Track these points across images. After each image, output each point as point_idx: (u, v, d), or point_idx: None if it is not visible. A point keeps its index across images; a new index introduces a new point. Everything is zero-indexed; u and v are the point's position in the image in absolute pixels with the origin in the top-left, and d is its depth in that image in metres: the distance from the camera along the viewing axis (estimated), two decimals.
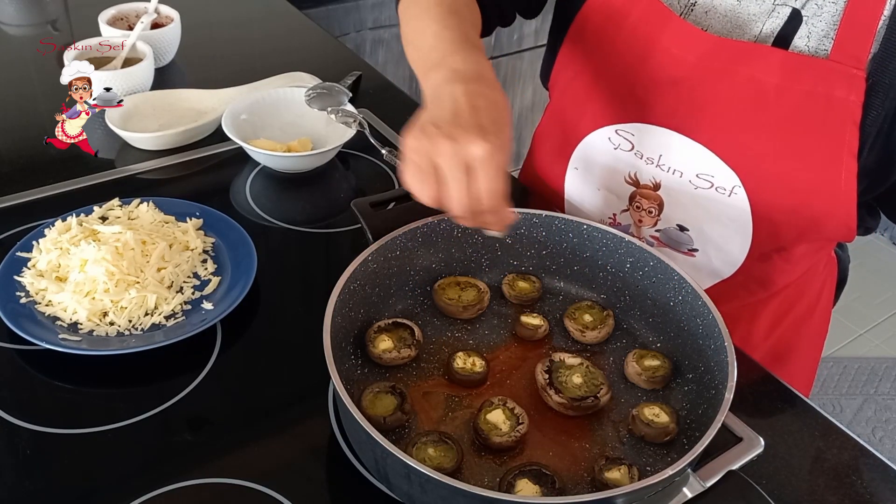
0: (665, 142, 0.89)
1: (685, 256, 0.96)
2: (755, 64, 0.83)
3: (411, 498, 0.64)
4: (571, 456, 0.69)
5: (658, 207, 0.94)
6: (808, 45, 0.82)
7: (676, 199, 0.92)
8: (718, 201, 0.89)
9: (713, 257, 0.95)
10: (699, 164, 0.88)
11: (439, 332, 0.80)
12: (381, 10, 1.96)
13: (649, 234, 0.97)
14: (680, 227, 0.94)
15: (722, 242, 0.93)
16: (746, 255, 0.92)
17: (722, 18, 0.86)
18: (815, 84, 0.81)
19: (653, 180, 0.92)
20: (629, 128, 0.92)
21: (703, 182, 0.88)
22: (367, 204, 0.83)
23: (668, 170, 0.90)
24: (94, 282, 0.80)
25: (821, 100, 0.81)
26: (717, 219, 0.90)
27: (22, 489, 0.67)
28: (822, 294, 1.07)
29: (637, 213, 0.96)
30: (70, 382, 0.77)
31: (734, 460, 0.71)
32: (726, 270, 0.95)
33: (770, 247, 0.93)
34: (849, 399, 2.21)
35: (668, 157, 0.90)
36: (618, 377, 0.77)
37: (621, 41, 0.90)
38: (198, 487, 0.68)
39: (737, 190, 0.87)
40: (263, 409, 0.76)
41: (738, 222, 0.89)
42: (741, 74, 0.83)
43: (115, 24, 1.28)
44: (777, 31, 0.83)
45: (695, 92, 0.86)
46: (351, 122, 1.06)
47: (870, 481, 0.72)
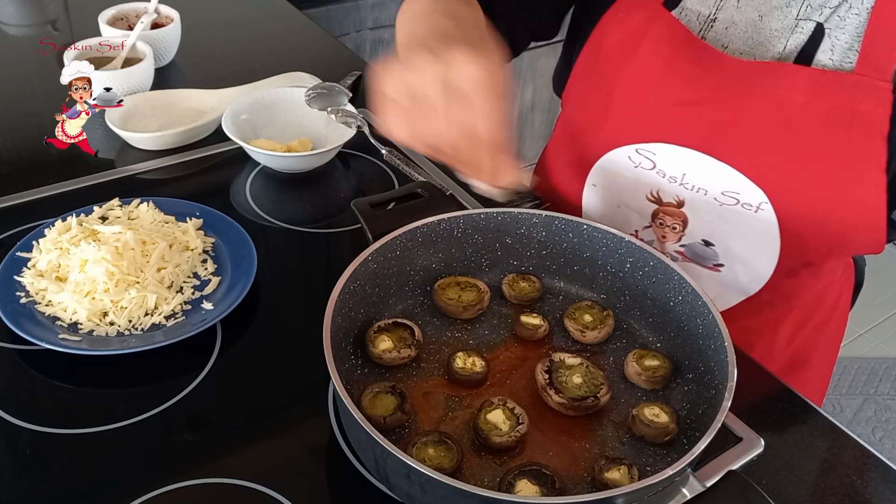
0: (688, 161, 0.87)
1: (710, 272, 0.94)
2: (779, 83, 0.81)
3: (411, 498, 0.64)
4: (571, 456, 0.69)
5: (682, 224, 0.93)
6: (832, 60, 0.81)
7: (701, 215, 0.90)
8: (745, 216, 0.87)
9: (740, 273, 0.93)
10: (724, 183, 0.86)
11: (439, 332, 0.80)
12: (381, 10, 1.96)
13: (673, 249, 0.96)
14: (705, 243, 0.92)
15: (748, 258, 0.91)
16: (774, 270, 0.91)
17: (743, 34, 0.84)
18: (841, 99, 0.79)
19: (676, 198, 0.91)
20: (650, 147, 0.89)
21: (729, 199, 0.87)
22: (367, 204, 0.83)
23: (691, 188, 0.89)
24: (94, 282, 0.80)
25: (847, 114, 0.79)
26: (744, 234, 0.89)
27: (22, 489, 0.68)
28: (839, 300, 1.06)
29: (660, 230, 0.95)
30: (70, 382, 0.77)
31: (734, 460, 0.71)
32: (753, 287, 0.94)
33: (798, 262, 0.91)
34: (849, 399, 2.21)
35: (691, 175, 0.88)
36: (618, 377, 0.77)
37: (639, 60, 0.88)
38: (198, 487, 0.68)
39: (764, 206, 0.85)
40: (263, 409, 0.76)
41: (765, 237, 0.88)
42: (765, 95, 0.82)
43: (116, 24, 1.28)
44: (801, 47, 0.82)
45: (717, 113, 0.84)
46: (351, 122, 1.06)
47: (870, 481, 0.72)
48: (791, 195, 0.84)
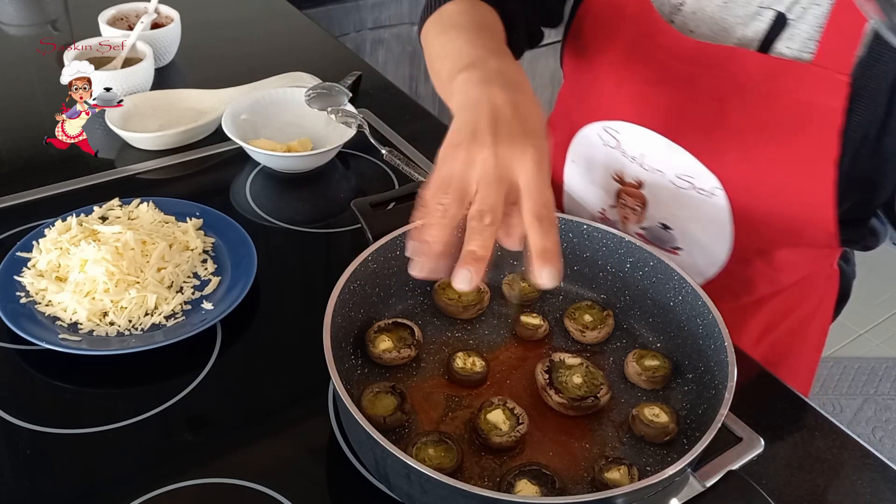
0: (647, 142, 0.89)
1: (669, 255, 0.96)
2: (735, 69, 0.82)
3: (411, 498, 0.64)
4: (571, 456, 0.69)
5: (642, 205, 0.95)
6: (789, 49, 0.81)
7: (659, 197, 0.92)
8: (699, 201, 0.89)
9: (696, 256, 0.95)
10: (679, 166, 0.88)
11: (439, 332, 0.80)
12: (381, 10, 1.96)
13: (635, 231, 0.98)
14: (664, 226, 0.95)
15: (705, 242, 0.93)
16: (728, 256, 0.92)
17: (709, 20, 0.85)
18: (797, 90, 0.79)
19: (636, 179, 0.93)
20: (615, 125, 0.92)
21: (684, 183, 0.88)
22: (367, 204, 0.83)
23: (650, 169, 0.91)
24: (94, 282, 0.80)
25: (801, 106, 0.80)
26: (699, 219, 0.91)
27: (22, 489, 0.68)
28: (819, 307, 1.05)
29: (623, 210, 0.97)
30: (70, 382, 0.77)
31: (734, 460, 0.71)
32: (710, 271, 0.95)
33: (751, 249, 0.92)
34: (849, 399, 2.21)
35: (650, 157, 0.90)
36: (618, 377, 0.77)
37: (614, 39, 0.90)
38: (198, 487, 0.68)
39: (716, 191, 0.86)
40: (263, 409, 0.76)
41: (718, 223, 0.89)
42: (720, 79, 0.83)
43: (116, 24, 1.28)
44: (762, 36, 0.82)
45: (676, 95, 0.86)
46: (351, 122, 1.06)
47: (870, 481, 0.72)
48: (742, 182, 0.85)
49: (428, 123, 1.21)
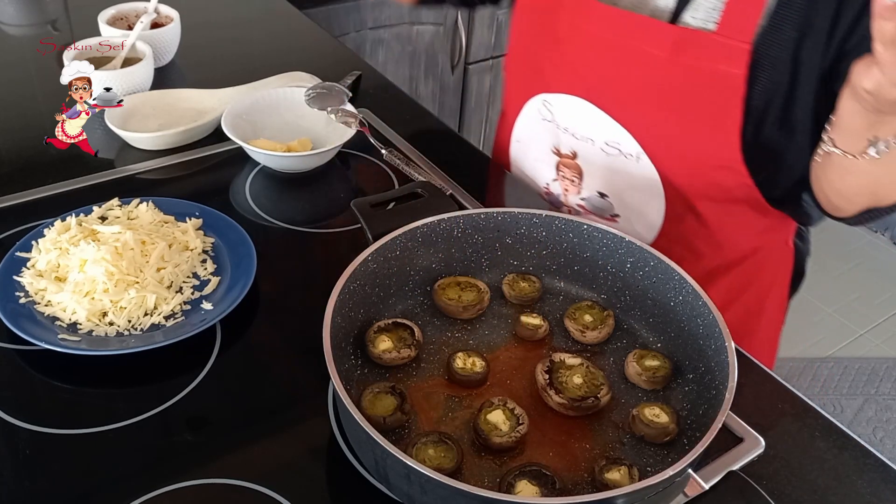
0: (577, 111, 0.94)
1: (610, 223, 1.00)
2: (646, 38, 0.87)
3: (411, 498, 0.64)
4: (571, 456, 0.69)
5: (579, 176, 1.00)
6: (694, 18, 0.85)
7: (593, 166, 0.97)
8: (629, 167, 0.94)
9: (635, 222, 0.99)
10: (606, 132, 0.93)
11: (439, 332, 0.80)
12: (381, 10, 1.96)
13: (576, 202, 1.03)
14: (600, 195, 0.99)
15: (640, 207, 0.97)
16: (664, 217, 0.96)
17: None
18: (700, 58, 0.84)
19: (571, 149, 0.98)
20: (550, 98, 0.97)
21: (612, 150, 0.93)
22: (367, 204, 0.83)
23: (581, 138, 0.96)
24: (94, 282, 0.80)
25: (705, 74, 0.84)
26: (631, 184, 0.95)
27: (22, 489, 0.67)
28: (774, 284, 1.09)
29: (563, 183, 1.02)
30: (70, 382, 0.77)
31: (734, 461, 0.71)
32: (649, 235, 0.99)
33: (682, 208, 0.96)
34: (849, 399, 2.21)
35: (580, 126, 0.95)
36: (618, 377, 0.77)
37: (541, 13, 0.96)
38: (198, 487, 0.68)
39: (641, 156, 0.92)
40: (263, 409, 0.76)
41: (649, 186, 0.94)
42: (634, 48, 0.88)
43: (115, 24, 1.28)
44: (672, 7, 0.87)
45: (596, 63, 0.91)
46: (351, 122, 1.06)
47: (870, 482, 0.72)
48: (661, 146, 0.91)
49: (428, 123, 1.21)
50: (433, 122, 1.22)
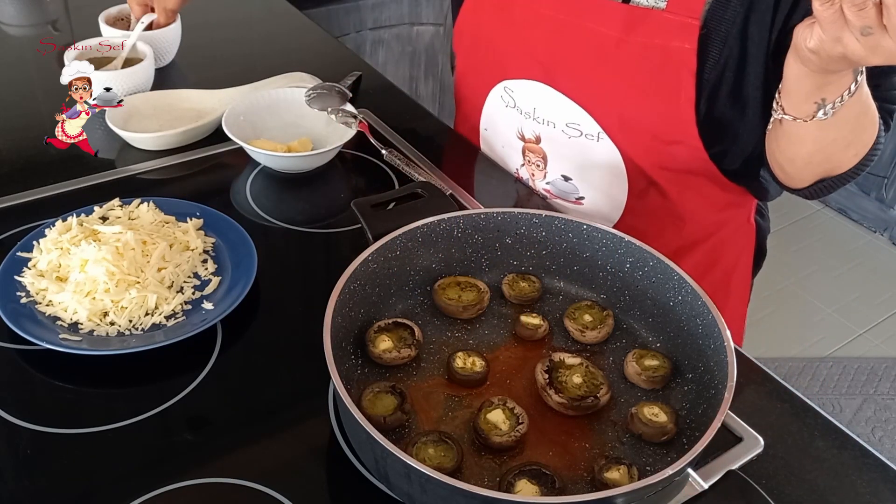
0: (537, 95, 0.96)
1: (575, 206, 1.03)
2: (597, 18, 0.90)
3: (411, 498, 0.64)
4: (571, 456, 0.69)
5: (543, 161, 1.02)
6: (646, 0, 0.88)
7: (556, 150, 0.99)
8: (590, 148, 0.96)
9: (600, 203, 1.01)
10: (566, 114, 0.95)
11: (439, 332, 0.80)
12: (381, 10, 1.96)
13: (542, 187, 1.05)
14: (564, 178, 1.01)
15: (604, 186, 0.99)
16: (627, 195, 0.99)
17: None
18: (652, 35, 0.87)
19: (534, 133, 1.00)
20: (511, 84, 1.00)
21: (573, 131, 0.95)
22: (367, 204, 0.83)
23: (543, 122, 0.98)
24: (95, 282, 0.80)
25: (658, 50, 0.87)
26: (593, 165, 0.97)
27: (22, 489, 0.68)
28: (739, 262, 1.11)
29: (529, 168, 1.04)
30: (70, 382, 0.77)
31: (734, 460, 0.71)
32: (614, 214, 1.01)
33: (643, 181, 0.98)
34: (848, 399, 2.21)
35: (541, 109, 0.97)
36: (618, 377, 0.77)
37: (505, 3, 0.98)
38: (198, 487, 0.68)
39: (601, 136, 0.94)
40: (263, 409, 0.76)
41: (611, 166, 0.96)
42: (587, 28, 0.90)
43: (116, 24, 1.28)
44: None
45: (552, 45, 0.93)
46: (351, 122, 1.07)
47: (869, 481, 0.72)
48: (619, 124, 0.93)
49: (428, 123, 1.22)
50: (433, 122, 1.22)
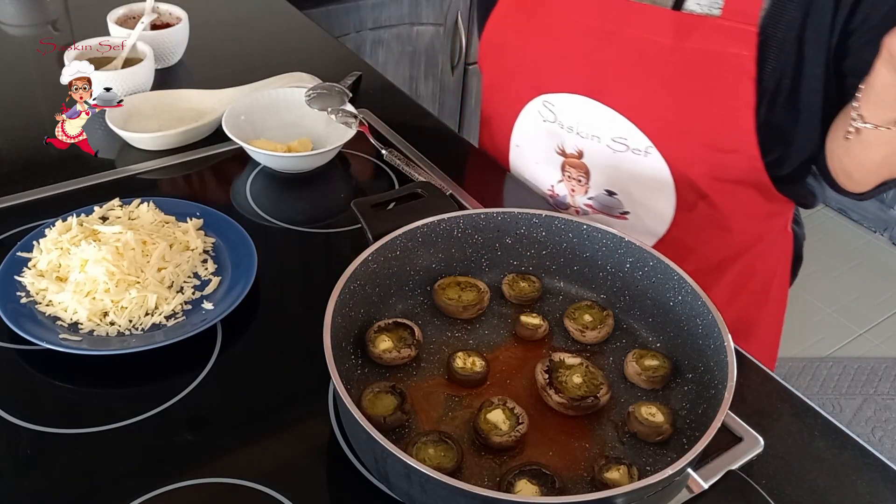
0: (580, 109, 0.94)
1: (619, 220, 1.00)
2: (647, 25, 0.87)
3: (411, 498, 0.64)
4: (571, 456, 0.69)
5: (585, 175, 0.99)
6: (699, 5, 0.86)
7: (600, 165, 0.96)
8: (637, 162, 0.93)
9: (644, 217, 0.99)
10: (613, 128, 0.92)
11: (439, 332, 0.80)
12: (381, 10, 1.96)
13: (583, 202, 1.02)
14: (609, 192, 0.98)
15: (649, 201, 0.97)
16: (675, 209, 0.96)
17: None
18: (707, 42, 0.84)
19: (576, 148, 0.97)
20: (551, 98, 0.96)
21: (620, 146, 0.93)
22: (368, 204, 0.83)
23: (587, 136, 0.95)
24: (95, 282, 0.80)
25: (714, 57, 0.85)
26: (640, 180, 0.94)
27: (22, 489, 0.68)
28: (777, 270, 1.09)
29: (569, 183, 1.01)
30: (70, 382, 0.77)
31: (734, 460, 0.71)
32: (660, 228, 0.99)
33: (693, 195, 0.96)
34: (848, 399, 2.21)
35: (584, 123, 0.94)
36: (618, 377, 0.77)
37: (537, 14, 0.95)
38: (198, 487, 0.68)
39: (650, 150, 0.91)
40: (263, 409, 0.76)
41: (659, 180, 0.93)
42: (635, 36, 0.88)
43: (126, 23, 1.27)
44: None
45: (596, 56, 0.90)
46: (351, 122, 1.07)
47: (869, 481, 0.72)
48: (671, 136, 0.90)
49: (428, 123, 1.22)
50: (433, 122, 1.22)
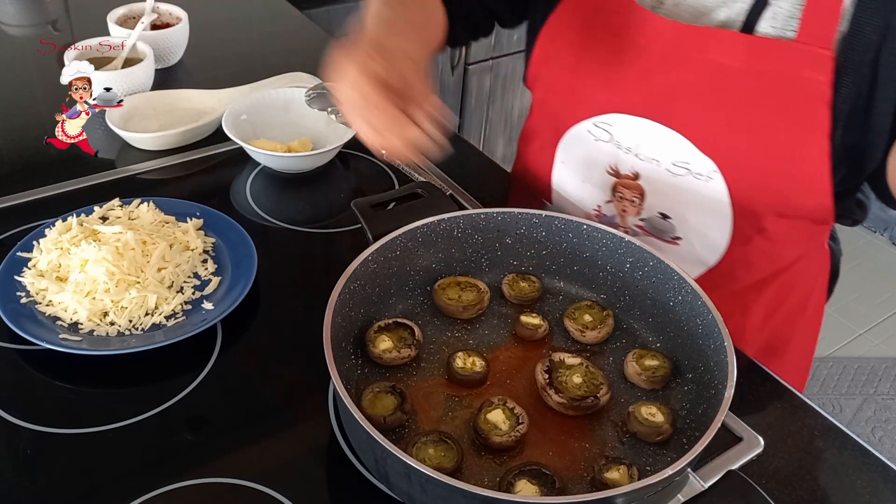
0: (641, 130, 0.91)
1: (670, 245, 0.97)
2: (719, 49, 0.84)
3: (411, 498, 0.64)
4: (571, 456, 0.69)
5: (640, 197, 0.95)
6: (773, 28, 0.83)
7: (657, 187, 0.93)
8: (697, 187, 0.90)
9: (696, 244, 0.96)
10: (675, 152, 0.89)
11: (439, 332, 0.80)
12: None
13: (634, 223, 0.99)
14: (662, 216, 0.95)
15: (704, 229, 0.94)
16: (729, 240, 0.93)
17: (690, 9, 0.87)
18: (782, 66, 0.82)
19: (632, 170, 0.94)
20: (607, 119, 0.93)
21: (680, 169, 0.90)
22: (368, 204, 0.83)
23: (645, 158, 0.92)
24: (95, 282, 0.80)
25: (788, 81, 0.82)
26: (698, 205, 0.92)
27: (22, 489, 0.68)
28: (814, 287, 1.07)
29: (620, 204, 0.98)
30: (70, 382, 0.77)
31: (734, 460, 0.71)
32: (711, 258, 0.96)
33: (751, 229, 0.93)
34: (848, 399, 2.21)
35: (644, 145, 0.91)
36: (617, 377, 0.77)
37: (594, 34, 0.92)
38: (198, 487, 0.68)
39: (713, 175, 0.88)
40: (263, 409, 0.76)
41: (717, 207, 0.90)
42: (706, 60, 0.85)
43: (125, 23, 1.27)
44: (744, 16, 0.84)
45: (664, 80, 0.88)
46: None
47: (869, 481, 0.72)
48: (738, 162, 0.87)
49: None
50: None
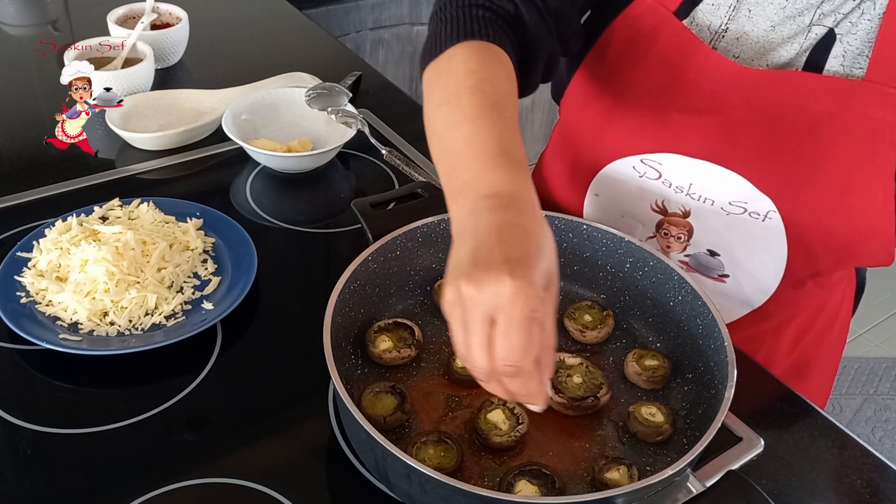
0: (695, 171, 0.86)
1: (715, 282, 0.92)
2: (787, 90, 0.80)
3: (411, 498, 0.64)
4: (571, 456, 0.69)
5: (688, 234, 0.91)
6: (843, 66, 0.79)
7: (707, 224, 0.89)
8: (752, 225, 0.86)
9: (744, 284, 0.91)
10: (732, 192, 0.85)
11: (439, 332, 0.80)
12: (381, 11, 1.96)
13: (678, 258, 0.94)
14: (711, 252, 0.91)
15: (755, 268, 0.89)
16: (780, 281, 0.89)
17: (754, 44, 0.83)
18: (850, 106, 0.78)
19: (682, 208, 0.89)
20: (656, 157, 0.87)
21: (736, 208, 0.85)
22: (368, 204, 0.83)
23: (698, 198, 0.87)
24: (95, 282, 0.80)
25: (855, 121, 0.78)
26: (750, 244, 0.87)
27: (22, 489, 0.68)
28: (842, 305, 1.04)
29: (665, 240, 0.93)
30: (70, 382, 0.77)
31: (734, 460, 0.70)
32: (758, 299, 0.92)
33: (805, 272, 0.90)
34: (849, 399, 2.21)
35: (698, 185, 0.86)
36: (617, 377, 0.77)
37: (646, 68, 0.87)
38: (198, 487, 0.68)
39: (771, 214, 0.84)
40: (263, 409, 0.76)
41: (772, 247, 0.86)
42: (773, 101, 0.81)
43: (125, 23, 1.27)
44: (808, 53, 0.81)
45: (725, 121, 0.83)
46: (351, 122, 1.07)
47: (870, 481, 0.72)
48: (798, 203, 0.83)
49: None
50: None
